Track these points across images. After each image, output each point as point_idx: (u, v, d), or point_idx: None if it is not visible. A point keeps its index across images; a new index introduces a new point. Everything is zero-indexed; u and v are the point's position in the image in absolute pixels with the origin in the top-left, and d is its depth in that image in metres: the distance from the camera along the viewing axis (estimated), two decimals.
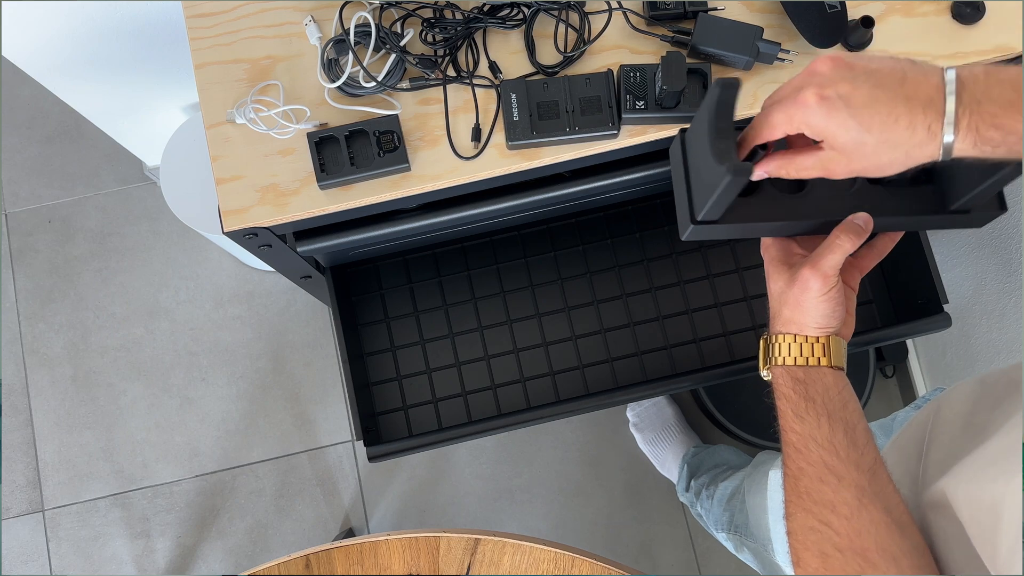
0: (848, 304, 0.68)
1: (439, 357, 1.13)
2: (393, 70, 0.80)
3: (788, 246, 0.70)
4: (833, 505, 0.56)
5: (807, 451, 0.59)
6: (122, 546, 1.60)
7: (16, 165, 1.71)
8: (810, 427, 0.60)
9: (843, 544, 0.55)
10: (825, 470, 0.58)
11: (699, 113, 0.63)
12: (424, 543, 0.94)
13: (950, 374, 1.42)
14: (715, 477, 1.37)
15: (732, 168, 0.58)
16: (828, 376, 0.64)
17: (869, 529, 0.54)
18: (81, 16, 1.03)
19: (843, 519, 0.55)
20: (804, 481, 0.59)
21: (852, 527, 0.55)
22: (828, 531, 0.56)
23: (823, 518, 0.56)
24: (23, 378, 1.64)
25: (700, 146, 0.62)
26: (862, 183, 0.67)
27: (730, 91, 0.59)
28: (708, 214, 0.64)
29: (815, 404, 0.62)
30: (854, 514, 0.55)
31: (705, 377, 1.06)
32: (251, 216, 0.81)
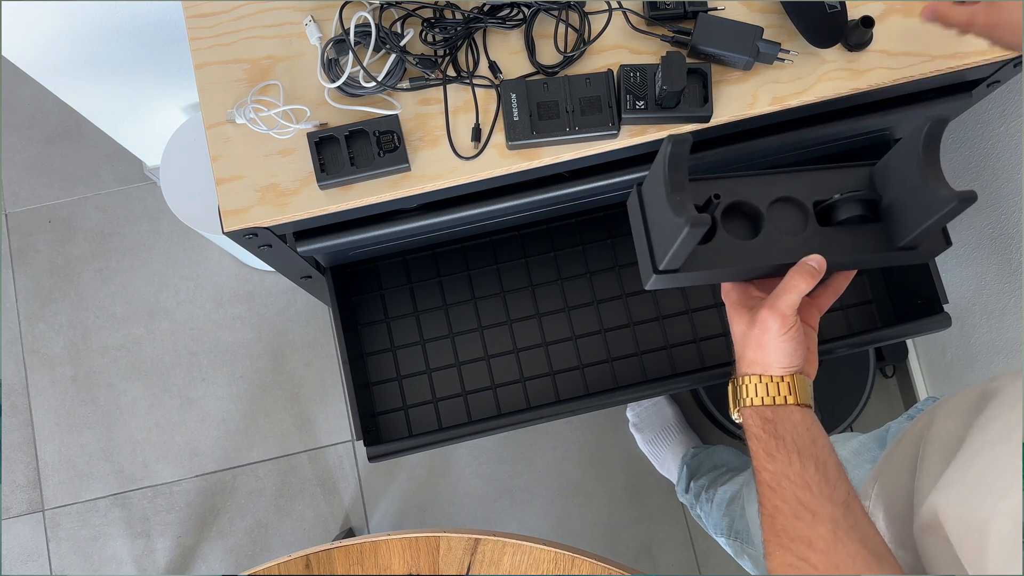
0: (809, 343, 0.69)
1: (439, 357, 1.13)
2: (393, 70, 0.80)
3: (747, 290, 0.72)
4: (809, 540, 0.57)
5: (780, 489, 0.61)
6: (122, 546, 1.60)
7: (16, 165, 1.71)
8: (782, 465, 0.61)
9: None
10: (799, 506, 0.59)
11: (653, 168, 0.66)
12: (424, 543, 0.94)
13: (950, 374, 1.42)
14: (715, 480, 1.37)
15: (689, 219, 0.60)
16: (796, 414, 0.65)
17: (846, 562, 0.55)
18: (81, 16, 1.03)
19: (820, 554, 0.56)
20: (780, 519, 0.60)
21: (830, 561, 0.56)
22: (806, 567, 0.56)
23: (800, 554, 0.57)
24: (23, 378, 1.64)
25: (657, 200, 0.66)
26: (813, 226, 0.70)
27: (681, 146, 0.62)
28: (669, 264, 0.67)
29: (785, 442, 0.63)
30: (830, 548, 0.56)
31: (705, 377, 1.06)
32: (251, 216, 0.81)
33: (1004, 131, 1.09)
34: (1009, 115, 1.07)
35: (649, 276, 0.70)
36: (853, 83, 0.81)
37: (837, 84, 0.81)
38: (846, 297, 1.13)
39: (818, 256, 0.67)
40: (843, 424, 1.45)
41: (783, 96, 0.81)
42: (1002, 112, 1.08)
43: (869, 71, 0.81)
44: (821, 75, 0.81)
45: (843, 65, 0.82)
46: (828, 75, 0.81)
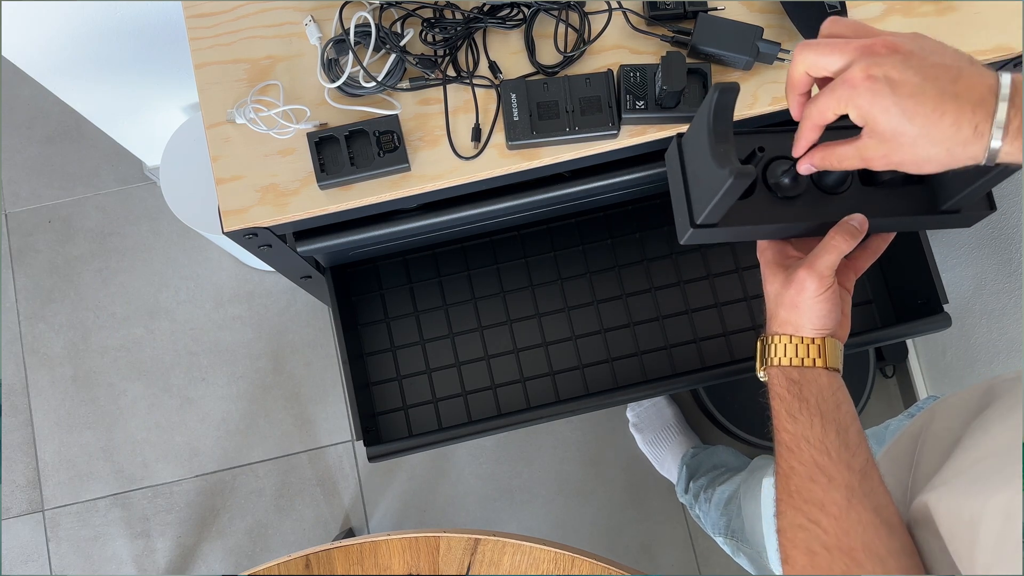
0: (844, 306, 0.68)
1: (439, 357, 1.13)
2: (393, 70, 0.80)
3: (784, 248, 0.70)
4: (822, 504, 0.57)
5: (799, 450, 0.60)
6: (122, 546, 1.60)
7: (16, 165, 1.71)
8: (803, 427, 0.61)
9: (831, 543, 0.55)
10: (816, 469, 0.58)
11: (697, 117, 0.63)
12: (424, 543, 0.94)
13: (950, 374, 1.42)
14: (713, 480, 1.37)
15: (733, 171, 0.58)
16: (823, 377, 0.64)
17: (857, 529, 0.55)
18: (81, 16, 1.03)
19: (832, 518, 0.56)
20: (795, 480, 0.59)
21: (840, 526, 0.55)
22: (816, 529, 0.56)
23: (812, 516, 0.57)
24: (23, 378, 1.64)
25: (699, 150, 0.63)
26: (855, 185, 0.68)
27: (729, 95, 0.60)
28: (708, 218, 0.65)
29: (808, 404, 0.62)
30: (843, 513, 0.56)
31: (705, 377, 1.06)
32: (251, 216, 0.81)
33: None
34: None
35: (686, 230, 0.67)
36: None
37: None
38: None
39: (860, 216, 0.65)
40: None
41: (783, 96, 0.81)
42: None
43: None
44: None
45: None
46: None
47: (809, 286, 0.64)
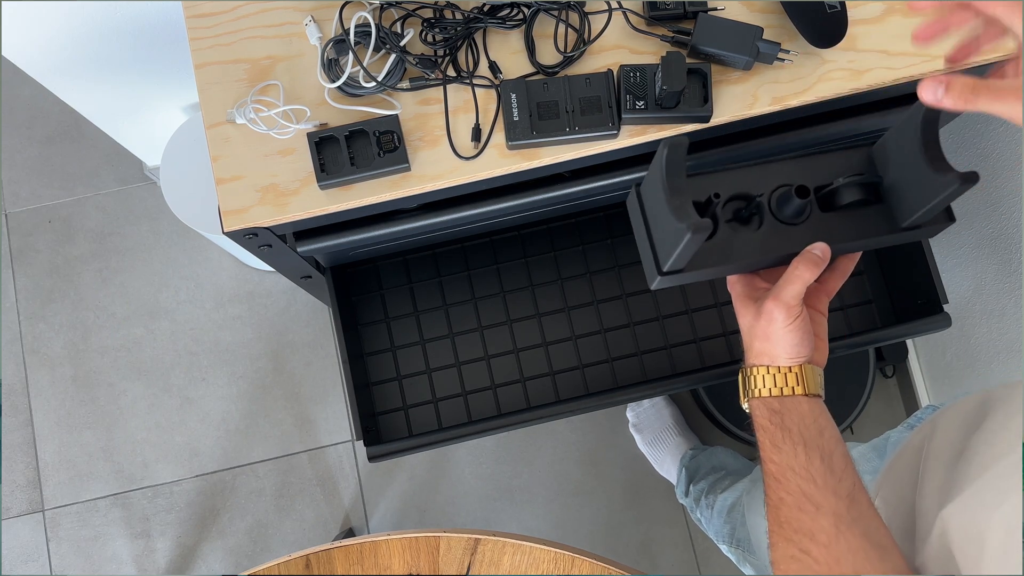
0: (818, 329, 0.68)
1: (439, 357, 1.13)
2: (393, 70, 0.80)
3: (752, 281, 0.71)
4: (812, 533, 0.57)
5: (786, 480, 0.60)
6: (122, 546, 1.60)
7: (16, 165, 1.71)
8: (787, 457, 0.61)
9: (822, 571, 0.56)
10: (803, 499, 0.59)
11: (651, 171, 0.65)
12: (424, 543, 0.94)
13: (950, 374, 1.42)
14: (714, 484, 1.36)
15: (691, 226, 0.60)
16: (803, 405, 0.64)
17: (847, 556, 0.55)
18: (81, 16, 1.03)
19: (821, 547, 0.56)
20: (784, 511, 0.60)
21: (831, 555, 0.56)
22: (808, 559, 0.57)
23: (803, 547, 0.57)
24: (23, 378, 1.64)
25: (657, 203, 0.65)
26: (815, 213, 0.69)
27: (677, 150, 0.62)
28: (673, 265, 0.67)
29: (791, 434, 0.62)
30: (832, 542, 0.56)
31: (705, 377, 1.06)
32: (251, 216, 0.81)
33: (1004, 131, 1.09)
34: None
35: (654, 277, 0.70)
36: (853, 83, 0.81)
37: (837, 84, 0.81)
38: (846, 297, 1.13)
39: (822, 244, 0.66)
40: (843, 424, 1.45)
41: (783, 96, 0.81)
42: None
43: (869, 71, 0.81)
44: (821, 75, 0.81)
45: (843, 65, 0.82)
46: (828, 75, 0.82)
47: (778, 316, 0.65)
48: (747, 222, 0.69)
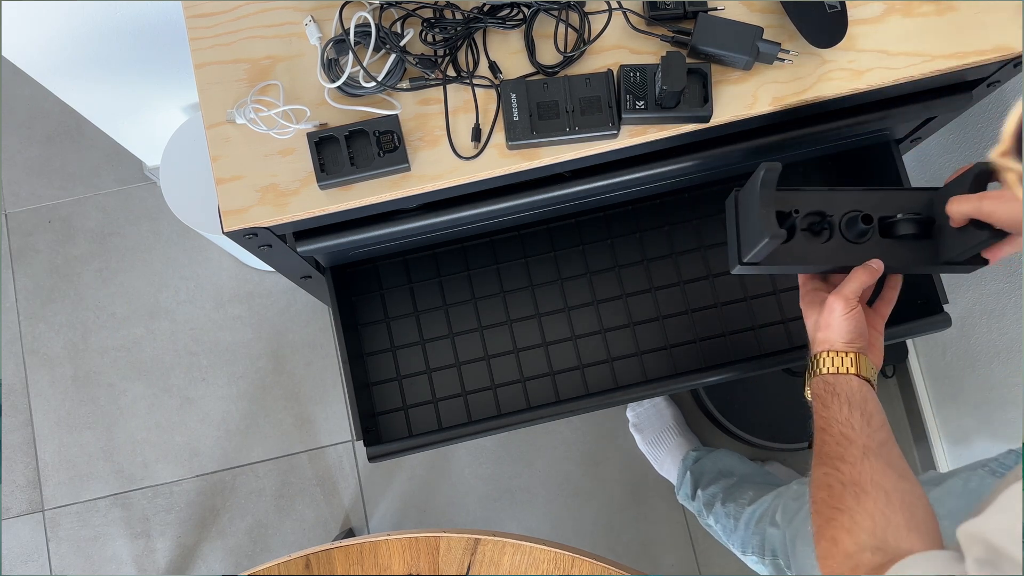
0: (874, 341, 0.81)
1: (439, 357, 1.13)
2: (393, 70, 0.80)
3: (819, 284, 0.85)
4: (842, 456, 0.69)
5: (828, 428, 0.73)
6: (122, 546, 1.60)
7: (16, 165, 1.71)
8: (833, 411, 0.74)
9: (845, 479, 0.68)
10: (841, 437, 0.71)
11: (750, 184, 0.80)
12: (424, 543, 0.94)
13: (950, 374, 1.42)
14: (730, 492, 1.34)
15: (770, 234, 0.75)
16: (854, 381, 0.76)
17: (867, 471, 0.67)
18: (81, 16, 1.03)
19: (848, 464, 0.69)
20: (824, 448, 0.72)
21: (855, 469, 0.68)
22: (836, 472, 0.69)
23: (834, 465, 0.69)
24: (23, 378, 1.64)
25: (750, 209, 0.79)
26: (875, 237, 0.82)
27: (772, 173, 0.76)
28: (752, 258, 0.80)
29: (839, 396, 0.75)
30: (858, 461, 0.68)
31: (705, 377, 1.06)
32: (251, 216, 0.81)
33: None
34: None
35: (735, 263, 0.83)
36: (853, 83, 0.81)
37: (837, 84, 0.81)
38: None
39: (878, 260, 0.80)
40: None
41: (783, 96, 0.81)
42: (1002, 112, 1.08)
43: (869, 71, 0.81)
44: (821, 75, 0.82)
45: (843, 65, 0.82)
46: (828, 75, 0.82)
47: (836, 307, 0.77)
48: (818, 234, 0.83)
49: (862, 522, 0.64)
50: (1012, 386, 1.23)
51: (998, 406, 1.28)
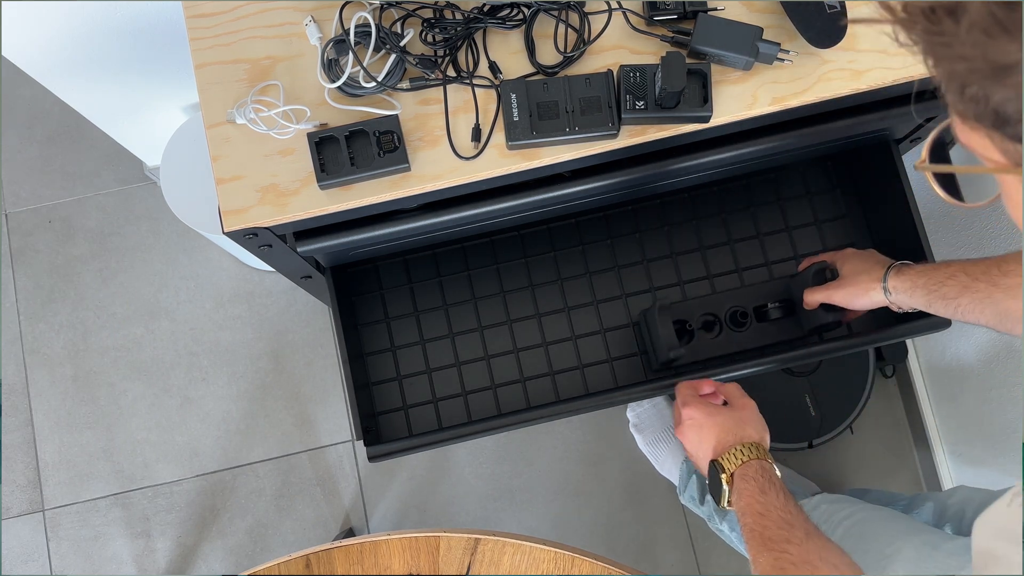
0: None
1: (439, 357, 1.13)
2: (393, 70, 0.80)
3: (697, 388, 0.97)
4: (788, 540, 0.73)
5: (768, 513, 0.77)
6: (122, 546, 1.60)
7: (16, 165, 1.71)
8: (771, 498, 0.78)
9: (796, 560, 0.72)
10: (782, 522, 0.75)
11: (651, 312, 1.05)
12: (424, 543, 0.94)
13: (950, 374, 1.42)
14: None
15: (673, 352, 1.02)
16: (779, 469, 0.83)
17: (814, 549, 0.72)
18: (81, 16, 1.03)
19: (795, 546, 0.73)
20: (766, 532, 0.75)
21: (802, 548, 0.72)
22: (785, 555, 0.73)
23: (781, 548, 0.73)
24: (23, 378, 1.64)
25: (655, 329, 1.04)
26: (754, 324, 1.11)
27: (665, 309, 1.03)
28: (666, 362, 1.05)
29: (775, 484, 0.80)
30: (803, 542, 0.73)
31: (705, 377, 1.05)
32: (251, 216, 0.81)
33: None
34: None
35: (654, 365, 1.10)
36: (853, 83, 0.81)
37: (837, 84, 0.81)
38: None
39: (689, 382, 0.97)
40: (843, 424, 1.45)
41: (783, 96, 0.81)
42: None
43: (869, 71, 0.81)
44: (821, 75, 0.82)
45: (843, 65, 0.82)
46: (828, 75, 0.82)
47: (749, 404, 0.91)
48: (711, 330, 1.10)
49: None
50: (1012, 386, 1.23)
51: (998, 406, 1.28)
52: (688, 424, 0.89)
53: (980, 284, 0.80)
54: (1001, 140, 0.42)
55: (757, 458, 0.82)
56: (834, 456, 1.57)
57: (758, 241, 1.14)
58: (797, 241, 1.14)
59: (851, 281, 0.95)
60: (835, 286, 0.97)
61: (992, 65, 0.38)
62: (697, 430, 0.88)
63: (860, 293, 0.94)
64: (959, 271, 0.83)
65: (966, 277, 0.82)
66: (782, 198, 1.15)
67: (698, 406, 0.89)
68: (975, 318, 0.82)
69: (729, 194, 1.15)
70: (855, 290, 0.94)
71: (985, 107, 0.40)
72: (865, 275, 0.94)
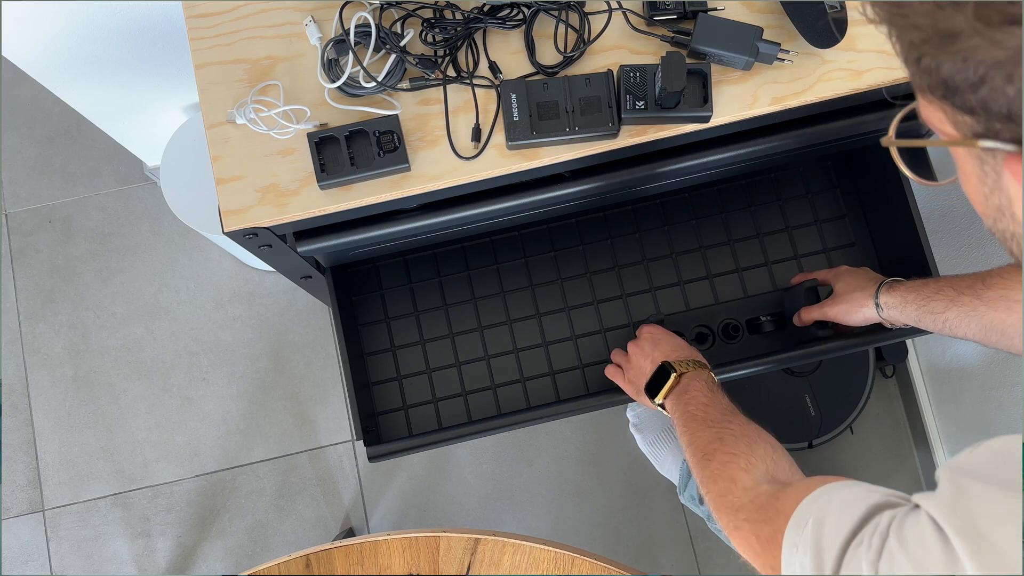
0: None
1: (439, 357, 1.13)
2: (393, 70, 0.80)
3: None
4: (731, 421, 0.82)
5: (715, 404, 0.85)
6: (122, 546, 1.60)
7: (16, 165, 1.72)
8: (718, 396, 0.87)
9: (737, 432, 0.80)
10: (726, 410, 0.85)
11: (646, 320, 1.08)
12: (424, 543, 0.94)
13: (950, 374, 1.42)
14: None
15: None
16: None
17: (756, 430, 0.80)
18: (81, 16, 1.03)
19: (738, 424, 0.82)
20: (710, 414, 0.84)
21: (745, 428, 0.81)
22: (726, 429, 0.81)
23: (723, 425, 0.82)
24: (23, 378, 1.64)
25: None
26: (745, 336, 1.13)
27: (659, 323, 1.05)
28: None
29: (720, 389, 0.89)
30: (746, 424, 0.81)
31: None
32: (251, 216, 0.81)
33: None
34: None
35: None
36: (853, 83, 0.81)
37: (837, 84, 0.81)
38: None
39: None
40: (843, 424, 1.45)
41: (783, 96, 0.81)
42: None
43: (869, 71, 0.81)
44: (821, 75, 0.82)
45: (843, 65, 0.82)
46: (828, 75, 0.82)
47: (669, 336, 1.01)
48: (703, 342, 1.12)
49: (757, 463, 0.75)
50: (1012, 387, 1.23)
51: (998, 406, 1.28)
52: (645, 337, 0.98)
53: (966, 298, 0.82)
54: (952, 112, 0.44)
55: (706, 370, 0.91)
56: (834, 456, 1.57)
57: (758, 241, 1.14)
58: (797, 241, 1.14)
59: (845, 298, 0.98)
60: (830, 303, 1.00)
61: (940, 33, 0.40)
62: (653, 342, 0.97)
63: (854, 309, 0.96)
64: (946, 286, 0.85)
65: (952, 291, 0.84)
66: (782, 198, 1.15)
67: (657, 327, 1.00)
68: (963, 332, 0.84)
69: (729, 194, 1.15)
70: (849, 307, 0.97)
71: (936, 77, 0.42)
72: (859, 292, 0.96)
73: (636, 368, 0.97)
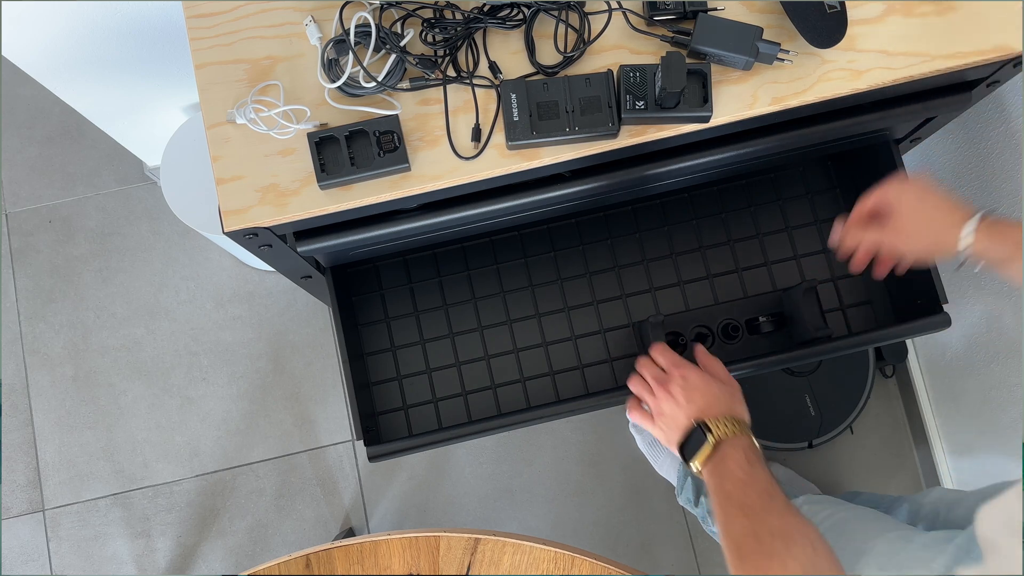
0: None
1: (439, 357, 1.13)
2: (393, 70, 0.80)
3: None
4: (768, 510, 0.74)
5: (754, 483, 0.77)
6: (122, 546, 1.60)
7: (16, 165, 1.72)
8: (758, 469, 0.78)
9: (775, 530, 0.72)
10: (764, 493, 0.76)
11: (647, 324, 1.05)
12: (424, 543, 0.94)
13: (950, 374, 1.42)
14: None
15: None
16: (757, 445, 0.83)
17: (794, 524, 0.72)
18: (81, 16, 1.03)
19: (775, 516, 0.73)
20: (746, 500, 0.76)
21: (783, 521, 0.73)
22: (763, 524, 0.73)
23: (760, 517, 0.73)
24: (23, 378, 1.64)
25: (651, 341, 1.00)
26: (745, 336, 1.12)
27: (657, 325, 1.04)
28: None
29: (761, 459, 0.80)
30: (784, 515, 0.73)
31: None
32: (251, 216, 0.81)
33: (1004, 131, 1.09)
34: (1009, 115, 1.07)
35: None
36: (853, 83, 0.81)
37: (837, 84, 0.81)
38: (845, 297, 1.13)
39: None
40: (843, 424, 1.45)
41: (783, 96, 0.81)
42: (1001, 112, 1.08)
43: (869, 71, 0.81)
44: (821, 75, 0.82)
45: (843, 65, 0.82)
46: (828, 75, 0.82)
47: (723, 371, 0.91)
48: (703, 342, 1.10)
49: (791, 564, 0.69)
50: (1012, 386, 1.23)
51: (998, 407, 1.28)
52: (678, 383, 0.87)
53: None
54: None
55: (745, 435, 0.82)
56: (834, 456, 1.57)
57: (758, 241, 1.14)
58: (797, 241, 1.14)
59: (918, 219, 0.84)
60: (894, 229, 0.86)
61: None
62: (688, 391, 0.86)
63: (930, 234, 0.84)
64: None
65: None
66: (782, 198, 1.15)
67: (694, 369, 0.88)
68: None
69: (729, 194, 1.15)
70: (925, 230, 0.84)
71: None
72: (939, 213, 0.83)
73: (669, 419, 0.87)
